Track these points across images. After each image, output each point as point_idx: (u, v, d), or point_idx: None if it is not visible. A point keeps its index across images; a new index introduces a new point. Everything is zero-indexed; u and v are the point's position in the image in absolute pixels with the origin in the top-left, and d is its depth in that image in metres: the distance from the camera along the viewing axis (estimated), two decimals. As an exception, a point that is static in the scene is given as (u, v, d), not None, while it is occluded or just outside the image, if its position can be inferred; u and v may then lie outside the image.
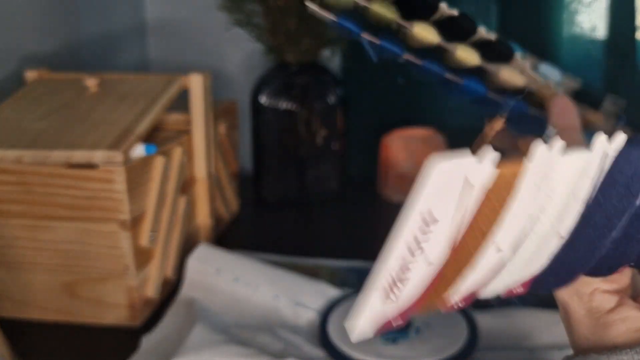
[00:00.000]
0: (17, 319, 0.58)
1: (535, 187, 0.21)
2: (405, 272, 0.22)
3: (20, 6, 0.78)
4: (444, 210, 0.21)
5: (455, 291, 0.24)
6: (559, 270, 0.25)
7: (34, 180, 0.55)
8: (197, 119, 0.69)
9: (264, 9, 0.87)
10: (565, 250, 0.24)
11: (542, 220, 0.23)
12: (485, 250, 0.22)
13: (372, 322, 0.23)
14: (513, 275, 0.24)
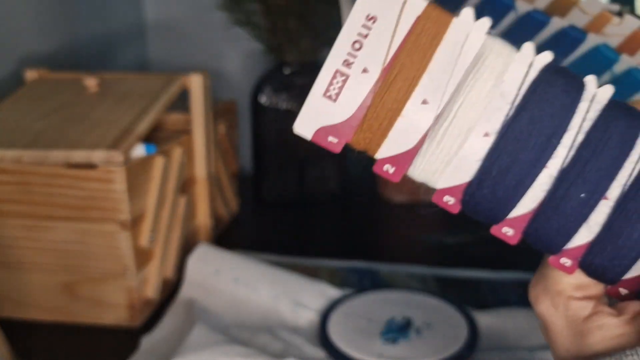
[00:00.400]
0: (16, 319, 0.58)
1: (458, 46, 0.24)
2: (347, 65, 0.24)
3: (19, 6, 0.78)
4: (381, 15, 0.24)
5: (385, 146, 0.24)
6: (494, 181, 0.24)
7: (34, 180, 0.55)
8: (197, 119, 0.69)
9: (263, 8, 0.87)
10: (494, 154, 0.24)
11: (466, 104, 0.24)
12: (412, 98, 0.24)
13: (312, 118, 0.25)
14: (441, 154, 0.25)
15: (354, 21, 0.24)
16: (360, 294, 0.60)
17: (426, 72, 0.24)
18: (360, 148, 0.25)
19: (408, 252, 0.75)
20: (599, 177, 0.25)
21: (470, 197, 0.25)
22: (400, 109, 0.24)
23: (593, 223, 0.25)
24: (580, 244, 0.25)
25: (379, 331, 0.53)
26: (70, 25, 0.90)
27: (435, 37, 0.24)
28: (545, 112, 0.24)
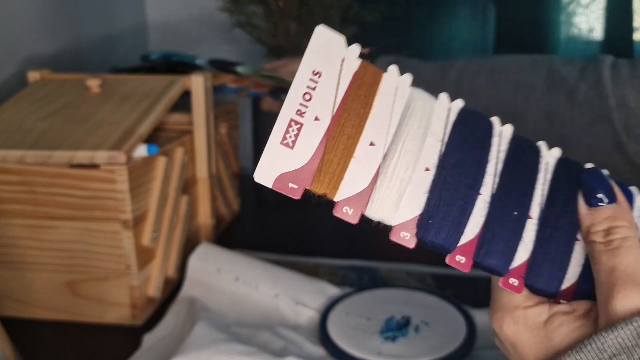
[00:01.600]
0: (20, 317, 0.59)
1: (391, 98, 0.28)
2: (300, 115, 0.27)
3: (22, 8, 0.78)
4: (325, 70, 0.27)
5: (343, 184, 0.27)
6: (441, 212, 0.27)
7: (37, 180, 0.55)
8: (199, 120, 0.70)
9: (264, 10, 0.88)
10: (437, 188, 0.28)
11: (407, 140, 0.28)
12: (360, 141, 0.27)
13: (273, 164, 0.26)
14: (392, 191, 0.27)
15: (302, 76, 0.27)
16: (359, 292, 0.60)
17: (369, 117, 0.28)
18: (320, 192, 0.27)
19: (407, 251, 0.75)
20: (521, 198, 0.28)
21: (424, 229, 0.27)
22: (352, 151, 0.27)
23: (527, 241, 0.28)
24: (521, 262, 0.28)
25: (378, 329, 0.53)
26: (73, 27, 0.90)
27: (372, 88, 0.28)
28: (469, 147, 0.28)
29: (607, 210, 0.28)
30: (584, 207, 0.29)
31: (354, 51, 0.28)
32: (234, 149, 0.86)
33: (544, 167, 0.30)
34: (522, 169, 0.29)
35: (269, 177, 0.27)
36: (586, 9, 0.97)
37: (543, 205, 0.29)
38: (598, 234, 0.28)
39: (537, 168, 0.29)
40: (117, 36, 1.03)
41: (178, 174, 0.65)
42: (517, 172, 0.29)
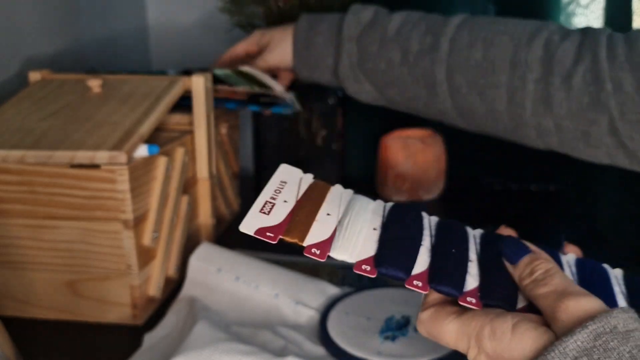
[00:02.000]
0: (21, 317, 0.59)
1: (339, 195, 0.40)
2: (273, 199, 0.38)
3: (23, 8, 0.78)
4: (289, 180, 0.40)
5: (310, 234, 0.35)
6: (391, 253, 0.35)
7: (37, 180, 0.55)
8: (199, 120, 0.70)
9: (264, 11, 0.88)
10: (385, 238, 0.36)
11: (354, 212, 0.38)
12: (320, 212, 0.37)
13: (254, 222, 0.36)
14: (349, 241, 0.35)
15: (273, 182, 0.39)
16: (359, 292, 0.60)
17: (325, 201, 0.38)
18: (291, 240, 0.35)
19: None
20: (458, 248, 0.37)
21: (379, 263, 0.34)
22: (313, 217, 0.37)
23: (473, 273, 0.35)
24: (474, 287, 0.34)
25: (378, 329, 0.54)
26: (74, 29, 0.90)
27: (324, 190, 0.40)
28: (406, 219, 0.38)
29: (525, 259, 0.35)
30: (511, 267, 0.35)
31: (309, 176, 0.40)
32: (234, 149, 0.86)
33: (472, 235, 0.39)
34: (452, 234, 0.38)
35: (251, 229, 0.35)
36: (585, 9, 0.98)
37: (479, 254, 0.37)
38: (526, 278, 0.34)
39: (466, 234, 0.38)
40: (118, 37, 1.03)
41: (178, 174, 0.65)
42: (449, 234, 0.38)
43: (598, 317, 0.28)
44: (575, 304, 0.29)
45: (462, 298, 0.34)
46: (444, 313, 0.34)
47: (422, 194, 0.93)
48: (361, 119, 1.07)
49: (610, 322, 0.28)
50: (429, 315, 0.35)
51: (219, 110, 0.77)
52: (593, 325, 0.27)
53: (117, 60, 1.03)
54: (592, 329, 0.27)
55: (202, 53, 1.12)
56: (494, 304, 0.33)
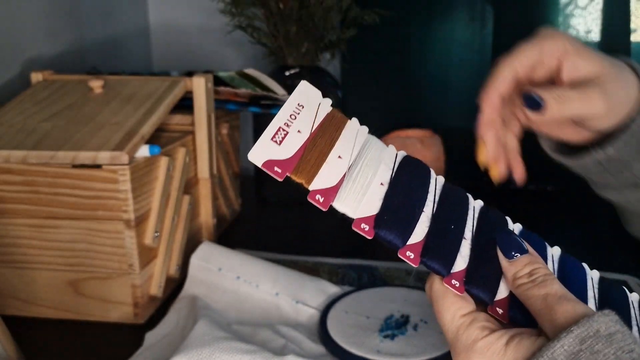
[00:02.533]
0: (23, 316, 0.59)
1: (354, 134, 0.37)
2: (287, 126, 0.35)
3: (25, 10, 0.79)
4: (306, 105, 0.36)
5: (317, 178, 0.34)
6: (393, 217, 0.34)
7: (40, 180, 0.56)
8: (200, 120, 0.70)
9: (264, 12, 0.88)
10: (390, 198, 0.34)
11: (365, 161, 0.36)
12: (331, 153, 0.35)
13: (263, 152, 0.34)
14: (354, 194, 0.34)
15: (290, 103, 0.36)
16: (359, 291, 0.60)
17: (338, 140, 0.36)
18: (298, 180, 0.34)
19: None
20: (456, 221, 0.35)
21: (379, 225, 0.33)
22: (324, 158, 0.35)
23: (464, 254, 0.34)
24: (461, 269, 0.34)
25: (377, 328, 0.54)
26: (75, 29, 0.90)
27: (340, 124, 0.37)
28: (414, 179, 0.36)
29: (524, 259, 0.34)
30: (505, 261, 0.34)
31: (328, 102, 0.37)
32: (235, 150, 0.86)
33: (472, 208, 0.37)
34: (454, 204, 0.37)
35: (259, 159, 0.33)
36: (584, 10, 0.98)
37: (473, 232, 0.36)
38: (523, 277, 0.33)
39: (467, 206, 0.37)
40: (119, 38, 1.04)
41: (180, 174, 0.65)
42: (451, 203, 0.36)
43: (581, 322, 0.28)
44: (573, 309, 0.30)
45: (448, 279, 0.33)
46: (451, 296, 0.34)
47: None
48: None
49: (593, 326, 0.28)
50: (441, 290, 0.34)
51: (220, 111, 0.78)
52: (577, 329, 0.28)
53: (118, 62, 1.03)
54: (577, 334, 0.28)
55: (202, 54, 1.13)
56: (475, 292, 0.33)
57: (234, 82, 0.76)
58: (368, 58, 1.03)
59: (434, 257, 0.33)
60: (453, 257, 0.34)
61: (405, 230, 0.33)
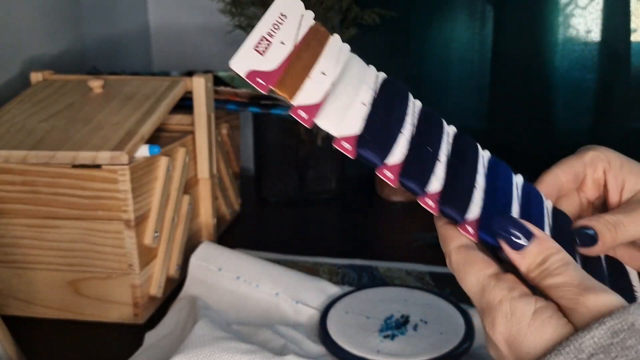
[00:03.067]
0: (22, 316, 0.59)
1: (337, 51, 0.36)
2: (270, 36, 0.34)
3: (25, 10, 0.79)
4: (289, 15, 0.35)
5: (301, 93, 0.33)
6: (374, 137, 0.34)
7: (39, 180, 0.56)
8: (200, 120, 0.70)
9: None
10: (371, 118, 0.35)
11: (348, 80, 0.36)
12: (315, 69, 0.34)
13: (246, 61, 0.33)
14: (337, 112, 0.34)
15: (272, 12, 0.34)
16: (358, 291, 0.60)
17: (321, 56, 0.35)
18: (281, 93, 0.33)
19: (405, 249, 0.75)
20: (433, 145, 0.36)
21: (360, 144, 0.34)
22: (308, 73, 0.34)
23: (439, 176, 0.35)
24: (436, 191, 0.34)
25: (377, 328, 0.54)
26: (75, 29, 0.90)
27: (324, 39, 0.36)
28: (394, 101, 0.37)
29: (533, 248, 0.32)
30: (514, 254, 0.32)
31: (310, 14, 0.36)
32: (235, 150, 0.86)
33: (446, 133, 0.38)
34: (431, 127, 0.37)
35: (242, 69, 0.32)
36: (584, 10, 0.98)
37: (448, 156, 0.36)
38: (536, 269, 0.31)
39: (442, 130, 0.38)
40: (119, 38, 1.04)
41: (179, 174, 0.65)
42: (428, 126, 0.37)
43: (615, 314, 0.27)
44: (596, 299, 0.28)
45: (422, 198, 0.34)
46: (473, 260, 0.33)
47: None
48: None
49: (628, 319, 0.27)
50: (461, 257, 0.33)
51: (220, 110, 0.78)
52: (611, 321, 0.27)
53: (118, 61, 1.03)
54: (610, 326, 0.27)
55: (202, 54, 1.13)
56: (448, 212, 0.34)
57: (234, 82, 0.76)
58: (368, 58, 1.03)
59: (412, 176, 0.34)
60: (428, 178, 0.34)
61: (385, 151, 0.34)
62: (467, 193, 0.35)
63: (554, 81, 1.00)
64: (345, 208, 0.93)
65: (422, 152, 0.35)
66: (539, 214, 0.37)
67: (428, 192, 0.34)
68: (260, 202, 0.94)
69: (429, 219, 0.64)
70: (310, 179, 0.95)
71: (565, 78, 1.00)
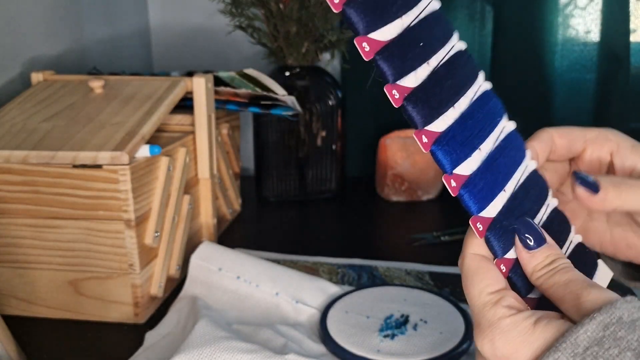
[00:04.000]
0: (23, 316, 0.59)
1: None
2: None
3: (26, 10, 0.79)
4: None
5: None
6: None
7: (40, 180, 0.56)
8: (200, 121, 0.70)
9: (264, 13, 0.88)
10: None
11: None
12: None
13: None
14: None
15: None
16: (358, 290, 0.61)
17: None
18: None
19: (405, 249, 0.76)
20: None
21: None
22: None
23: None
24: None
25: (377, 327, 0.54)
26: (76, 29, 0.91)
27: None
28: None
29: (544, 250, 0.33)
30: (524, 252, 0.33)
31: None
32: (235, 150, 0.87)
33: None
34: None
35: None
36: (583, 10, 0.98)
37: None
38: (544, 268, 0.33)
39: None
40: (119, 38, 1.04)
41: (180, 174, 0.65)
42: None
43: (604, 308, 0.28)
44: (599, 295, 0.30)
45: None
46: (484, 272, 0.33)
47: (420, 193, 0.93)
48: (360, 120, 1.07)
49: (615, 313, 0.28)
50: (473, 266, 0.33)
51: (220, 111, 0.78)
52: (600, 316, 0.28)
53: (118, 62, 1.03)
54: (600, 320, 0.28)
55: (203, 54, 1.13)
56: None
57: (234, 83, 0.76)
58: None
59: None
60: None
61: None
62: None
63: (554, 81, 1.00)
64: (345, 208, 0.93)
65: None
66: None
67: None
68: (261, 202, 0.94)
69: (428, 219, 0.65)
70: (310, 179, 0.95)
71: (564, 78, 1.00)
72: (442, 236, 0.78)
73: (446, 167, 0.33)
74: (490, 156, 0.34)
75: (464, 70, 0.35)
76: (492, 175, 0.34)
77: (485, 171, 0.34)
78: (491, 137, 0.35)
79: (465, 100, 0.34)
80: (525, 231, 0.34)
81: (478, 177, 0.33)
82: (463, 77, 0.35)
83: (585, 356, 0.27)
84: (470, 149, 0.34)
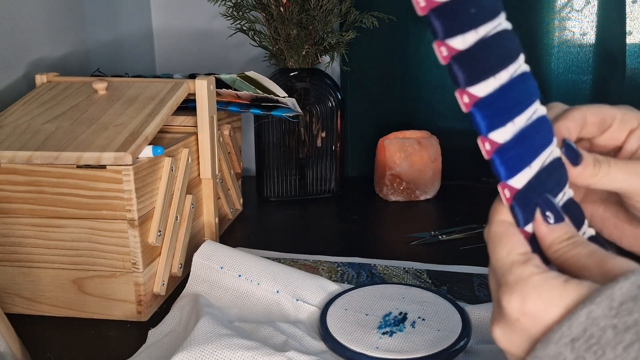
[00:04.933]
0: (27, 314, 0.60)
1: None
2: None
3: (30, 12, 0.79)
4: None
5: None
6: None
7: (44, 181, 0.56)
8: (203, 122, 0.71)
9: (265, 16, 0.89)
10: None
11: None
12: None
13: None
14: None
15: None
16: (358, 288, 0.61)
17: None
18: None
19: (403, 248, 0.76)
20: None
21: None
22: None
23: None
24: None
25: (376, 325, 0.55)
26: (80, 32, 0.91)
27: None
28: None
29: (563, 226, 0.34)
30: (544, 226, 0.34)
31: None
32: (237, 150, 0.87)
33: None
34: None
35: None
36: (579, 13, 0.99)
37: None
38: (564, 242, 0.34)
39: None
40: (122, 41, 1.04)
41: (182, 174, 0.66)
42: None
43: (637, 271, 0.29)
44: (623, 262, 0.31)
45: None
46: (511, 236, 0.34)
47: (419, 194, 0.94)
48: (359, 122, 1.08)
49: None
50: (499, 231, 0.34)
51: (222, 112, 0.78)
52: (633, 277, 0.29)
53: (122, 64, 1.04)
54: (634, 280, 0.29)
55: (204, 57, 1.14)
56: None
57: (235, 85, 0.77)
58: (367, 61, 1.04)
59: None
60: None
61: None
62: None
63: (550, 83, 1.01)
64: (345, 208, 0.94)
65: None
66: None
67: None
68: (261, 202, 0.95)
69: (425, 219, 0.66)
70: (310, 179, 0.96)
71: (560, 80, 1.01)
72: (439, 235, 0.78)
73: (482, 129, 0.33)
74: (522, 131, 0.35)
75: (509, 46, 0.36)
76: (522, 149, 0.35)
77: (516, 144, 0.34)
78: (525, 114, 0.35)
79: (506, 73, 0.35)
80: (546, 208, 0.35)
81: (509, 147, 0.34)
82: (507, 52, 0.35)
83: (621, 310, 0.28)
84: (505, 118, 0.34)
